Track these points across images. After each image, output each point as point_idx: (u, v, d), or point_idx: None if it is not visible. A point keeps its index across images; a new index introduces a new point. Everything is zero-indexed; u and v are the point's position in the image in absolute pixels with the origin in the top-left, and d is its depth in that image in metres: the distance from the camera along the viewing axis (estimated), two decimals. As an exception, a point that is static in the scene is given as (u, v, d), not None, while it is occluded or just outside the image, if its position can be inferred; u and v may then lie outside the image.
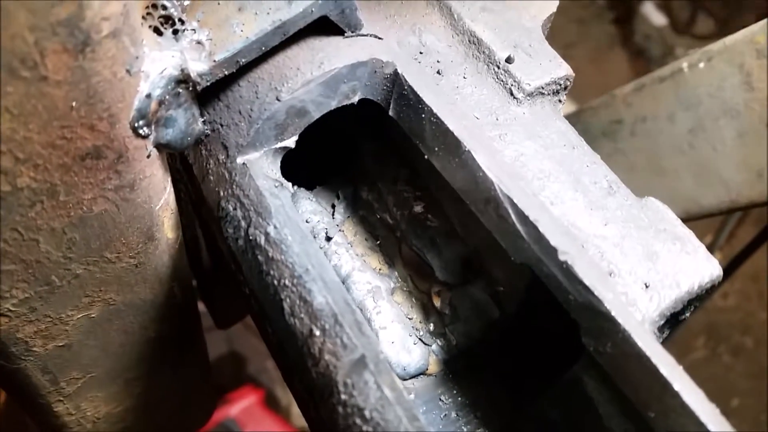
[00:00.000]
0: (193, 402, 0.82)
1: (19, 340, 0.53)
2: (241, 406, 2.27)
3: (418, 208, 0.57)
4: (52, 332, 0.55)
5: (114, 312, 0.57)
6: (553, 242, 0.43)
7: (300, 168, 0.58)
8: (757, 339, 2.84)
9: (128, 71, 0.41)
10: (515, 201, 0.44)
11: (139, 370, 0.66)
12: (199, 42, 0.46)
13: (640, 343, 0.40)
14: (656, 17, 3.19)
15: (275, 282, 0.45)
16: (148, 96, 0.43)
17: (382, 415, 0.39)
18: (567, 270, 0.42)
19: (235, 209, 0.48)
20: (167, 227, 0.53)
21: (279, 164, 0.50)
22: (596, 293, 0.41)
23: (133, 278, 0.55)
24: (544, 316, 0.50)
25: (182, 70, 0.44)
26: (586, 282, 0.42)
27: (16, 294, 0.49)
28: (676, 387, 0.39)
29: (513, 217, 0.44)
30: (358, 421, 0.40)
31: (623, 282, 0.45)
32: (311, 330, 0.43)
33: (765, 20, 0.78)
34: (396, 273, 0.57)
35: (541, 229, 0.43)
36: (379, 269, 0.57)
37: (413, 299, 0.57)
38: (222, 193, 0.49)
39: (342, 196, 0.61)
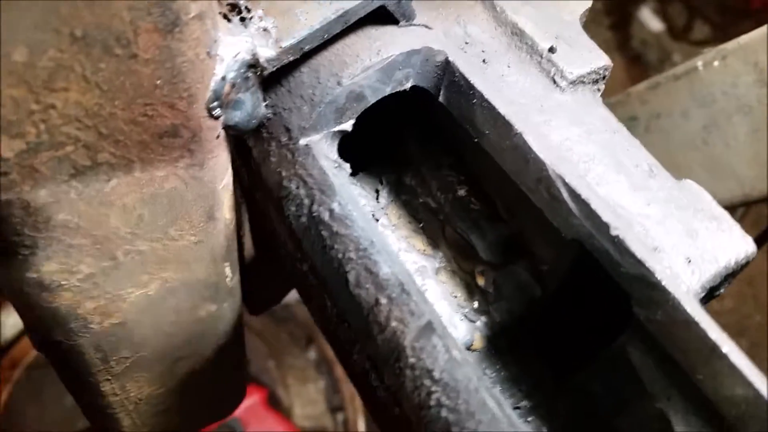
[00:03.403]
0: (228, 388, 0.84)
1: (79, 315, 0.55)
2: (245, 405, 2.28)
3: (461, 192, 0.59)
4: (110, 309, 0.57)
5: (169, 290, 0.59)
6: (604, 218, 0.45)
7: (343, 154, 0.61)
8: (753, 341, 2.88)
9: (208, 53, 0.43)
10: (567, 180, 0.47)
11: (184, 351, 0.68)
12: (265, 29, 0.49)
13: (689, 310, 0.43)
14: (653, 23, 3.24)
15: (339, 255, 0.47)
16: (223, 78, 0.46)
17: (451, 375, 0.42)
18: (619, 244, 0.45)
19: (297, 188, 0.50)
20: (226, 207, 0.55)
21: (336, 146, 0.53)
22: (647, 265, 0.44)
23: (192, 256, 0.57)
24: (588, 292, 0.53)
25: (253, 55, 0.47)
26: (638, 255, 0.44)
27: (81, 269, 0.51)
28: (725, 349, 0.41)
29: (565, 195, 0.47)
30: (426, 382, 0.42)
31: (667, 257, 0.48)
32: (377, 299, 0.45)
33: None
34: (440, 254, 0.60)
35: (592, 206, 0.46)
36: (424, 250, 0.60)
37: (458, 278, 0.59)
38: (284, 173, 0.51)
39: (385, 181, 0.63)
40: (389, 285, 0.45)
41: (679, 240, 0.49)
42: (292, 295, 0.82)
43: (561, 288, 0.56)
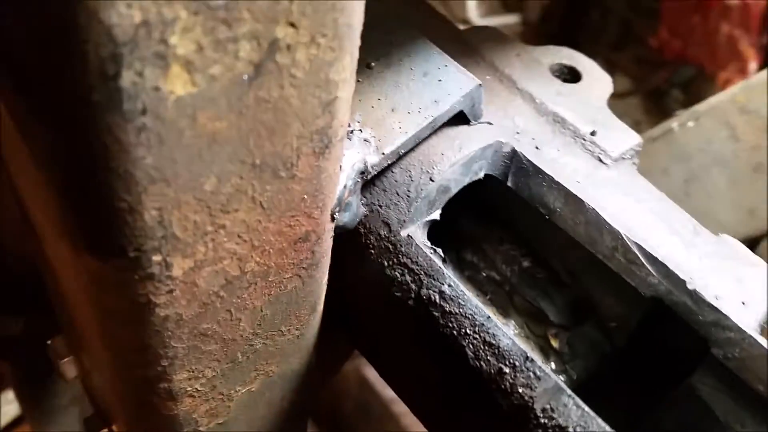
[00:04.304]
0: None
1: (192, 420, 0.58)
2: None
3: (526, 263, 0.66)
4: (218, 410, 0.59)
5: (268, 384, 0.62)
6: (681, 276, 0.53)
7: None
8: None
9: (340, 167, 0.49)
10: (642, 246, 0.54)
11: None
12: (366, 140, 0.55)
13: (764, 343, 0.50)
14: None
15: (454, 333, 0.53)
16: (345, 186, 0.51)
17: (585, 428, 0.47)
18: (695, 295, 0.52)
19: (402, 275, 0.55)
20: (323, 299, 0.60)
21: (426, 234, 0.58)
22: (723, 311, 0.51)
23: (292, 349, 0.60)
24: (657, 343, 0.60)
25: (364, 163, 0.53)
26: (713, 303, 0.52)
27: (206, 374, 0.54)
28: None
29: (643, 259, 0.54)
30: (562, 440, 0.48)
31: (728, 302, 0.55)
32: (500, 369, 0.51)
33: (743, 81, 0.94)
34: (512, 322, 0.66)
35: (670, 266, 0.53)
36: (497, 320, 0.66)
37: (532, 343, 0.65)
38: (386, 263, 0.56)
39: (448, 259, 0.69)
40: (511, 354, 0.50)
41: (732, 287, 0.57)
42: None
43: (630, 343, 0.62)
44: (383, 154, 0.54)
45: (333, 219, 0.52)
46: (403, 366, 0.61)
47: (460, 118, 0.60)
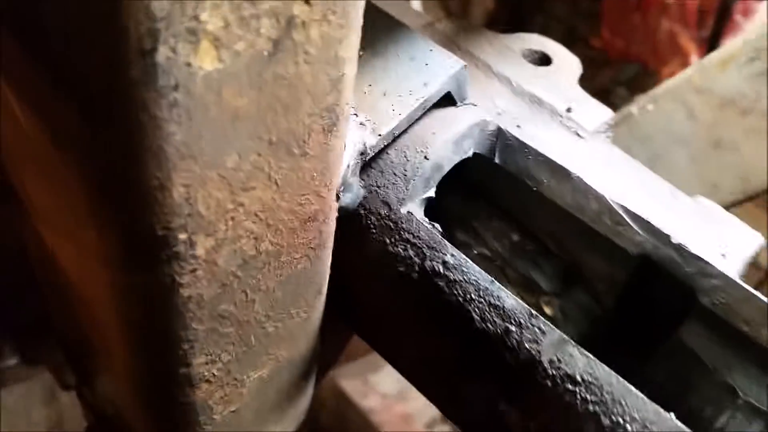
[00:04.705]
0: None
1: (207, 407, 0.59)
2: None
3: (515, 237, 0.69)
4: (232, 397, 0.60)
5: (278, 370, 0.63)
6: (665, 231, 0.57)
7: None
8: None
9: (345, 145, 0.51)
10: (626, 207, 0.58)
11: (276, 428, 0.71)
12: (362, 123, 0.58)
13: (747, 287, 0.54)
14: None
15: (459, 299, 0.55)
16: (348, 166, 0.54)
17: (592, 374, 0.50)
18: (681, 248, 0.56)
19: (405, 250, 0.58)
20: (327, 282, 0.62)
21: (423, 211, 0.61)
22: (708, 260, 0.56)
23: (300, 333, 0.62)
24: (644, 301, 0.64)
25: (364, 144, 0.55)
26: (695, 253, 0.56)
27: (223, 357, 0.55)
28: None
29: (627, 219, 0.58)
30: (569, 386, 0.51)
31: (710, 254, 0.60)
32: (507, 328, 0.53)
33: (697, 63, 1.00)
34: (506, 293, 0.69)
35: (654, 224, 0.57)
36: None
37: (527, 312, 0.68)
38: (388, 241, 0.59)
39: (440, 240, 0.72)
40: (516, 314, 0.53)
41: (712, 241, 0.61)
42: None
43: (617, 303, 0.66)
44: (380, 135, 0.57)
45: (338, 198, 0.54)
46: (410, 341, 0.64)
47: (447, 100, 0.63)
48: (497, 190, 0.69)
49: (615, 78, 3.18)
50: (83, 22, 0.33)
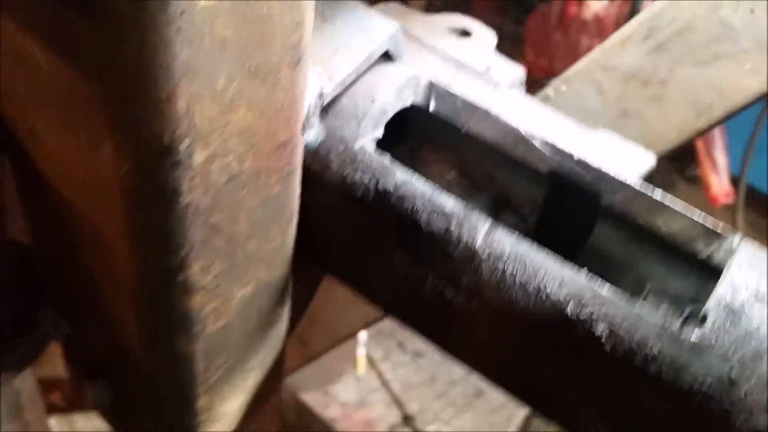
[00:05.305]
0: (270, 407, 0.96)
1: (200, 318, 0.69)
2: None
3: (451, 176, 0.82)
4: (221, 310, 0.71)
5: (257, 292, 0.74)
6: (567, 151, 0.71)
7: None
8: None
9: (306, 83, 0.64)
10: (536, 135, 0.72)
11: (255, 362, 0.81)
12: (319, 74, 0.70)
13: (640, 189, 0.69)
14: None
15: (408, 209, 0.68)
16: (309, 105, 0.66)
17: (517, 251, 0.63)
18: (582, 162, 0.70)
19: (361, 177, 0.70)
20: (296, 213, 0.73)
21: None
22: (603, 169, 0.70)
23: (276, 256, 0.73)
24: (560, 216, 0.78)
25: (321, 89, 0.68)
26: (594, 164, 0.70)
27: (214, 268, 0.66)
28: (666, 201, 0.67)
29: (538, 144, 0.72)
30: (499, 264, 0.64)
31: (610, 165, 0.73)
32: (448, 226, 0.66)
33: (599, 45, 1.17)
34: (448, 223, 0.82)
35: (558, 146, 0.71)
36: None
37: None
38: (346, 172, 0.71)
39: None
40: (455, 213, 0.66)
41: (611, 158, 0.75)
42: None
43: (538, 221, 0.80)
44: (335, 83, 0.70)
45: (303, 131, 0.66)
46: (371, 262, 0.75)
47: (386, 58, 0.76)
48: (434, 136, 0.82)
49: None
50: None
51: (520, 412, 3.45)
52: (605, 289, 0.62)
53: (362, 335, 3.14)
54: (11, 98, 0.65)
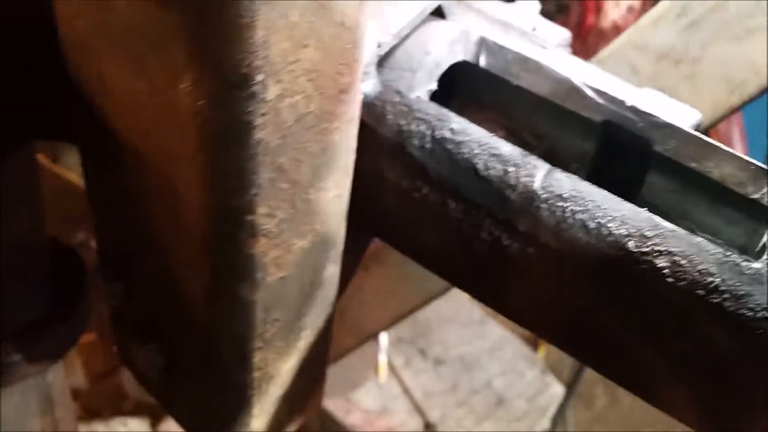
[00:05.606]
0: (315, 386, 0.96)
1: (263, 265, 0.69)
2: None
3: (499, 135, 0.84)
4: (282, 260, 0.71)
5: (315, 244, 0.75)
6: (620, 98, 0.72)
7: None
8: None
9: (368, 27, 0.65)
10: (588, 83, 0.74)
11: (308, 321, 0.82)
12: (374, 27, 0.72)
13: (692, 132, 0.70)
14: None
15: (466, 156, 0.69)
16: (368, 53, 0.68)
17: (577, 190, 0.64)
18: (635, 108, 0.71)
19: (418, 126, 0.72)
20: (352, 167, 0.74)
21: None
22: (657, 114, 0.71)
23: (333, 210, 0.74)
24: (611, 170, 0.79)
25: (378, 41, 0.70)
26: (648, 110, 0.71)
27: (278, 214, 0.67)
28: (721, 146, 0.68)
29: (590, 93, 0.73)
30: (560, 203, 0.64)
31: (661, 114, 0.74)
32: (506, 170, 0.67)
33: (633, 25, 1.19)
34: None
35: (611, 93, 0.73)
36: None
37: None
38: (402, 122, 0.73)
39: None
40: (512, 157, 0.67)
41: (662, 109, 0.76)
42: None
43: (590, 175, 0.81)
44: (391, 34, 0.72)
45: (364, 79, 0.68)
46: (423, 217, 0.76)
47: (437, 15, 0.78)
48: (481, 95, 0.84)
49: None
50: None
51: (542, 421, 3.42)
52: (666, 223, 0.63)
53: (383, 341, 3.14)
54: (83, 50, 0.67)
